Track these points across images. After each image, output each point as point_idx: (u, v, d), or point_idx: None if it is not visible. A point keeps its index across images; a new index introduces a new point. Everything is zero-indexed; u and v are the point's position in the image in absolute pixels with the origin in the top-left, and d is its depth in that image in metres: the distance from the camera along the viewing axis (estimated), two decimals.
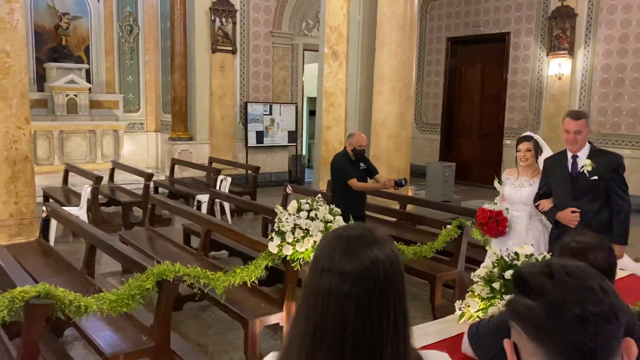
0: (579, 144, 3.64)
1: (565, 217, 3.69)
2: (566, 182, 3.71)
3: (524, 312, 0.82)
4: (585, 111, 3.80)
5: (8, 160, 5.30)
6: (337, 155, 5.31)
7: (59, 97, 10.75)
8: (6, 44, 5.23)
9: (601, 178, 3.61)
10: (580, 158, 3.68)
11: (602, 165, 3.62)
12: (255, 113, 11.35)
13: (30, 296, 2.84)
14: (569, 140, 3.65)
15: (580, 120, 3.62)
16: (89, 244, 4.43)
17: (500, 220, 3.98)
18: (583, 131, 3.62)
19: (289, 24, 11.68)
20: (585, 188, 3.65)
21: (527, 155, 4.02)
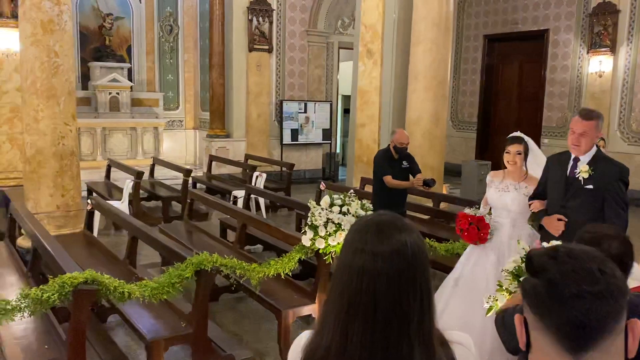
0: (583, 148, 3.26)
1: (549, 224, 3.39)
2: (560, 185, 3.40)
3: (528, 288, 0.91)
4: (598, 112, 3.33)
5: (56, 155, 5.55)
6: (379, 151, 5.39)
7: (102, 95, 11.14)
8: (55, 45, 5.48)
9: (597, 188, 3.24)
10: (580, 162, 3.33)
11: (601, 174, 3.24)
12: (290, 111, 11.50)
13: (78, 282, 3.02)
14: (572, 141, 3.29)
15: (590, 121, 3.24)
16: (131, 235, 4.63)
17: (481, 226, 3.71)
18: (589, 133, 3.24)
19: (324, 22, 11.78)
20: (577, 196, 3.31)
21: (517, 158, 3.74)
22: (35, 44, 5.40)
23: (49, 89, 5.48)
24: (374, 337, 1.00)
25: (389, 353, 1.01)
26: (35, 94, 5.45)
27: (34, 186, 5.57)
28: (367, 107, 7.88)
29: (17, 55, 8.59)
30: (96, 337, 3.81)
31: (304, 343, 1.15)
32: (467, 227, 3.72)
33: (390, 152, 5.19)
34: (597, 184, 3.24)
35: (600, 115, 3.34)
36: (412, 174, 5.28)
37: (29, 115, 5.52)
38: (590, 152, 3.31)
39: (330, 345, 1.04)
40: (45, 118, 5.48)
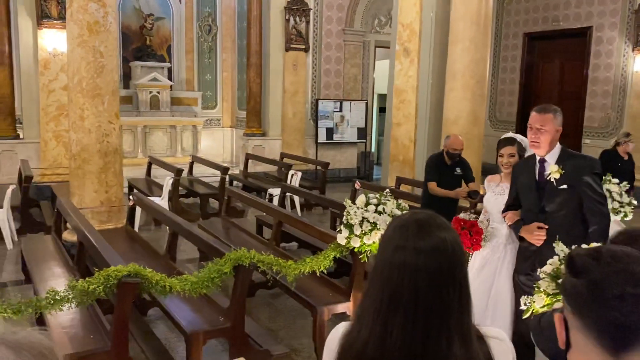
0: (542, 145, 3.05)
1: (529, 234, 3.17)
2: (532, 192, 3.17)
3: (569, 288, 0.92)
4: (555, 107, 3.13)
5: (100, 152, 5.75)
6: (431, 155, 5.32)
7: (143, 94, 11.42)
8: (100, 45, 5.67)
9: (571, 187, 3.03)
10: (548, 163, 3.10)
11: (572, 171, 3.03)
12: (326, 110, 11.55)
13: (122, 275, 3.13)
14: (530, 137, 3.09)
15: (546, 114, 3.04)
16: (171, 230, 4.76)
17: (474, 232, 3.53)
18: (547, 129, 3.02)
19: (361, 21, 11.78)
20: (552, 198, 3.10)
21: (511, 160, 3.56)
22: (81, 45, 5.60)
23: (94, 88, 5.67)
24: (415, 331, 1.04)
25: (428, 347, 1.04)
26: (81, 93, 5.65)
27: (79, 182, 5.78)
28: (403, 106, 7.86)
29: (64, 56, 8.93)
30: (137, 328, 3.95)
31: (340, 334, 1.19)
32: (460, 232, 3.51)
33: (442, 158, 5.11)
34: (570, 181, 3.04)
35: (558, 109, 3.12)
36: (465, 181, 5.17)
37: (75, 113, 5.72)
38: (554, 151, 3.11)
39: (368, 338, 1.07)
40: (91, 116, 5.68)
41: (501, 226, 3.55)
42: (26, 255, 4.91)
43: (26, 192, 7.07)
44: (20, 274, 5.50)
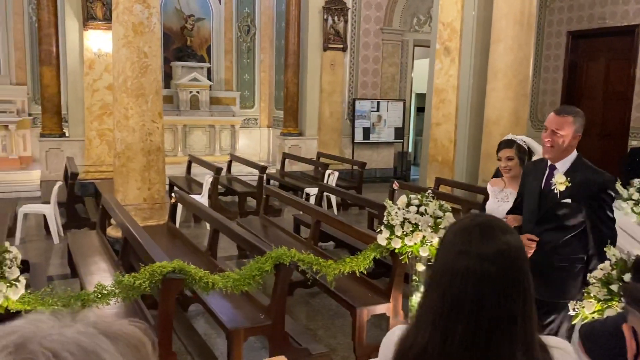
0: (556, 150, 2.76)
1: None
2: (534, 199, 2.92)
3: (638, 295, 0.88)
4: (577, 110, 2.84)
5: (144, 150, 5.88)
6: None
7: (183, 94, 11.63)
8: (145, 46, 5.80)
9: (576, 203, 2.74)
10: (557, 171, 2.83)
11: (580, 185, 2.73)
12: (363, 109, 11.51)
13: (167, 271, 3.20)
14: (544, 140, 2.81)
15: (565, 116, 2.75)
16: (212, 228, 4.83)
17: None
18: (564, 132, 2.73)
19: (399, 20, 11.69)
20: (552, 212, 2.84)
21: (509, 164, 3.33)
22: (126, 46, 5.74)
23: (138, 88, 5.81)
24: (477, 339, 1.01)
25: (490, 356, 1.01)
26: (126, 92, 5.80)
27: (123, 179, 5.93)
28: (443, 105, 7.76)
29: (108, 56, 9.18)
30: (179, 324, 4.03)
31: (397, 339, 1.17)
32: None
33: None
34: (576, 197, 2.73)
35: (579, 112, 2.82)
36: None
37: (120, 112, 5.87)
38: (568, 159, 2.80)
39: (426, 344, 1.05)
40: (135, 115, 5.82)
41: None
42: (72, 249, 5.07)
43: (72, 189, 7.29)
44: (66, 268, 5.67)
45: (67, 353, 0.50)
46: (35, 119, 10.69)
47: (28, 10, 10.78)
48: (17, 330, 0.52)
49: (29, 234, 7.09)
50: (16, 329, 0.52)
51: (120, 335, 0.55)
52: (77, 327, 0.54)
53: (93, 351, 0.51)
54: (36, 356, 0.49)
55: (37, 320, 0.54)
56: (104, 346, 0.53)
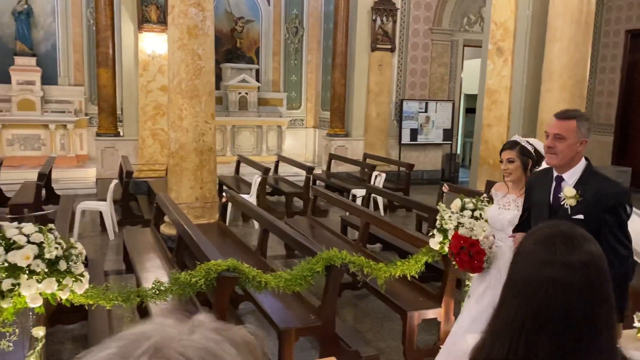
0: (560, 158, 2.48)
1: None
2: (542, 215, 2.60)
3: None
4: (581, 112, 2.61)
5: (196, 150, 6.01)
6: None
7: (232, 95, 11.83)
8: (199, 48, 5.93)
9: (589, 219, 2.41)
10: (565, 183, 2.53)
11: (592, 199, 2.44)
12: (411, 110, 11.40)
13: (222, 269, 3.26)
14: (546, 148, 2.55)
15: (567, 120, 2.47)
16: (262, 227, 4.89)
17: (474, 252, 3.05)
18: (568, 138, 2.44)
19: (449, 20, 11.52)
20: None
21: (510, 167, 3.02)
22: (181, 48, 5.88)
23: (192, 90, 5.94)
24: (563, 350, 0.99)
25: None
26: (180, 94, 5.94)
27: (177, 179, 6.08)
28: (495, 107, 7.59)
29: (161, 58, 9.44)
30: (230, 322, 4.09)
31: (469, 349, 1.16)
32: (458, 251, 3.11)
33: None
34: (588, 212, 2.43)
35: (584, 115, 2.55)
36: None
37: (174, 113, 6.02)
38: (576, 169, 2.51)
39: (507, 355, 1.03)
40: (189, 116, 5.95)
41: (505, 246, 3.06)
42: (128, 246, 5.23)
43: (127, 187, 7.53)
44: (121, 264, 5.86)
45: (198, 358, 0.52)
46: (92, 119, 11.11)
47: (86, 14, 11.21)
48: (152, 335, 0.54)
49: (85, 229, 7.36)
50: (149, 333, 0.54)
51: (239, 341, 0.57)
52: (203, 333, 0.55)
53: (220, 356, 0.53)
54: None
55: (164, 325, 0.56)
56: (228, 351, 0.54)
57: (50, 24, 11.12)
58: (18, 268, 2.54)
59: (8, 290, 2.53)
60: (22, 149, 10.55)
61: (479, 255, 3.04)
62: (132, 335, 0.55)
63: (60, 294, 2.65)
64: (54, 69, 11.13)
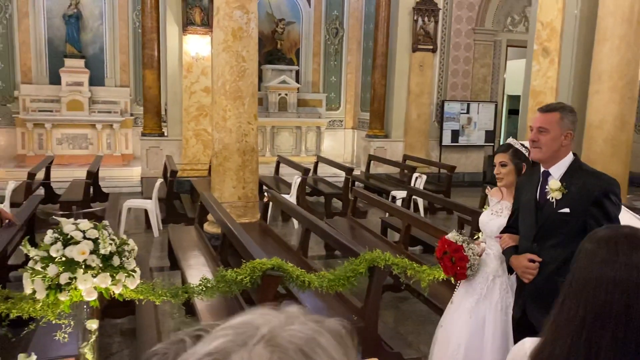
0: (544, 151, 2.41)
1: (518, 266, 2.52)
2: (530, 212, 2.52)
3: None
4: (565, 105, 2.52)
5: (239, 150, 6.11)
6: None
7: (273, 96, 11.95)
8: (243, 50, 6.02)
9: (575, 212, 2.34)
10: (551, 177, 2.45)
11: (579, 191, 2.34)
12: (452, 112, 11.26)
13: (267, 267, 3.31)
14: (530, 142, 2.49)
15: (551, 113, 2.40)
16: (304, 227, 4.92)
17: (457, 258, 2.89)
18: (552, 130, 2.38)
19: (492, 20, 11.33)
20: (550, 225, 2.43)
21: (502, 171, 2.85)
22: (226, 50, 5.98)
23: (236, 91, 6.04)
24: (626, 350, 1.00)
25: None
26: (224, 95, 6.04)
27: (220, 178, 6.19)
28: None
29: (204, 59, 9.62)
30: None
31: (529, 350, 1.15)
32: (442, 256, 2.96)
33: None
34: (574, 206, 2.35)
35: (567, 107, 2.46)
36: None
37: (218, 114, 6.13)
38: (562, 162, 2.43)
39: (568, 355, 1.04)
40: (232, 117, 6.05)
41: (492, 253, 2.92)
42: (173, 243, 5.35)
43: (171, 186, 7.71)
44: (165, 261, 6.00)
45: (308, 348, 0.54)
46: (137, 119, 11.42)
47: (132, 17, 11.53)
48: (260, 324, 0.56)
49: (130, 227, 7.56)
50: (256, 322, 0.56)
51: (336, 331, 0.58)
52: (303, 323, 0.57)
53: (323, 346, 0.55)
54: (286, 350, 0.53)
55: (267, 314, 0.58)
56: (328, 341, 0.56)
57: (98, 27, 11.50)
58: (75, 263, 2.64)
59: (65, 284, 2.63)
60: (71, 148, 10.94)
61: (462, 262, 2.88)
62: (240, 324, 0.57)
63: (114, 288, 2.74)
64: (101, 70, 11.50)
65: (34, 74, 11.16)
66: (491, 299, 2.89)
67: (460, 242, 2.91)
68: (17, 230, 4.57)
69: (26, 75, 11.12)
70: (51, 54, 11.21)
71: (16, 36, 10.96)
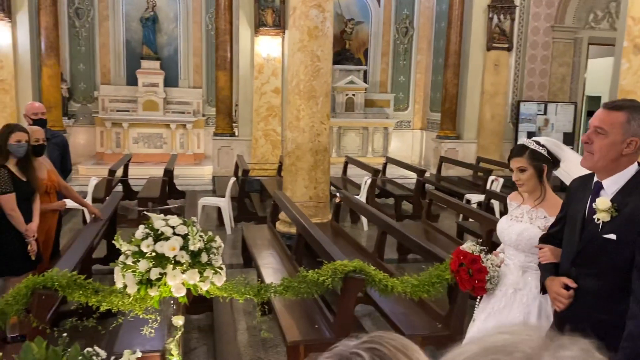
0: (597, 158, 1.95)
1: (550, 290, 2.13)
2: (575, 229, 2.07)
3: None
4: (638, 103, 1.95)
5: (312, 150, 6.07)
6: None
7: (340, 96, 11.89)
8: (318, 49, 5.98)
9: (621, 240, 1.88)
10: (604, 192, 1.98)
11: (630, 215, 1.87)
12: (528, 112, 10.79)
13: (349, 270, 3.22)
14: (583, 144, 2.03)
15: (615, 112, 1.92)
16: (380, 230, 4.81)
17: (474, 270, 2.60)
18: (610, 133, 1.91)
19: (573, 16, 10.76)
20: (592, 250, 1.99)
21: (522, 177, 2.55)
22: (301, 50, 5.96)
23: (310, 90, 6.01)
24: None
25: None
26: (299, 94, 6.02)
27: (292, 178, 6.17)
28: None
29: (275, 60, 9.69)
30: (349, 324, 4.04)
31: None
32: (457, 268, 2.69)
33: None
34: (622, 232, 1.87)
35: (638, 107, 1.92)
36: None
37: (292, 114, 6.12)
38: (621, 175, 1.95)
39: None
40: (305, 117, 6.02)
41: (512, 263, 2.62)
42: (248, 241, 5.38)
43: (243, 184, 7.79)
44: (238, 258, 6.06)
45: None
46: (208, 119, 11.67)
47: (205, 20, 11.81)
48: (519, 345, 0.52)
49: (202, 224, 7.70)
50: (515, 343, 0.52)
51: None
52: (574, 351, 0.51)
53: None
54: None
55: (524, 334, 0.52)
56: None
57: (173, 30, 11.85)
58: (165, 258, 2.65)
59: (156, 279, 2.65)
60: (146, 147, 11.32)
61: (480, 274, 2.60)
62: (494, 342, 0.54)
63: (202, 285, 2.73)
64: (175, 72, 11.85)
65: (113, 75, 11.65)
66: (509, 315, 2.56)
67: (477, 252, 2.65)
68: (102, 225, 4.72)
69: (105, 77, 11.62)
70: (129, 56, 11.66)
71: (97, 39, 11.48)
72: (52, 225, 4.28)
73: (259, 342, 4.20)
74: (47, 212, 4.11)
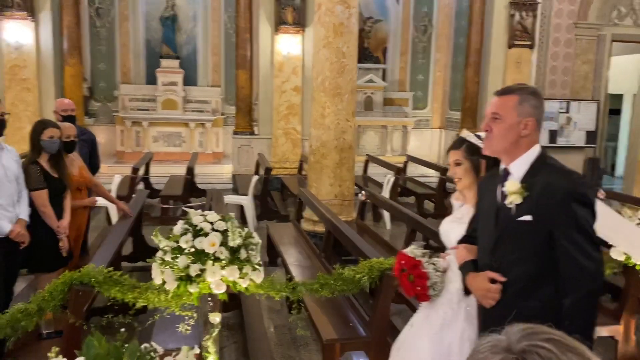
0: (496, 143, 1.95)
1: (476, 286, 2.04)
2: (490, 220, 2.04)
3: None
4: (528, 87, 2.04)
5: (337, 148, 6.03)
6: None
7: (359, 95, 11.81)
8: (343, 46, 5.94)
9: (538, 220, 1.86)
10: (511, 176, 1.96)
11: (540, 193, 1.86)
12: (550, 110, 10.63)
13: (385, 267, 3.18)
14: (485, 133, 2.01)
15: (507, 96, 1.96)
16: (410, 228, 4.76)
17: (415, 275, 2.42)
18: (506, 117, 1.93)
19: (596, 13, 10.60)
20: (510, 236, 1.95)
21: (457, 171, 2.42)
22: (327, 46, 5.92)
23: (335, 87, 5.97)
24: None
25: None
26: (324, 91, 5.99)
27: (317, 175, 6.14)
28: None
29: (296, 59, 9.66)
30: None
31: None
32: (399, 274, 2.51)
33: None
34: (537, 211, 1.86)
35: (528, 89, 1.99)
36: None
37: (317, 111, 6.08)
38: (524, 158, 1.94)
39: None
40: (330, 114, 5.99)
41: (456, 269, 2.34)
42: (274, 239, 5.35)
43: (265, 183, 7.77)
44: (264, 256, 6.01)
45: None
46: (227, 118, 11.68)
47: (224, 19, 11.82)
48: None
49: None
50: None
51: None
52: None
53: None
54: None
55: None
56: None
57: (192, 29, 11.88)
58: (205, 254, 2.62)
59: (195, 276, 2.62)
60: (166, 146, 11.37)
61: (421, 280, 2.42)
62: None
63: (241, 282, 2.70)
64: (194, 70, 11.88)
65: (132, 74, 11.71)
66: (455, 326, 2.42)
67: (420, 256, 2.47)
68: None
69: (125, 76, 11.68)
70: (148, 55, 11.72)
71: (117, 38, 11.54)
72: (82, 222, 4.29)
73: (290, 340, 4.17)
74: (78, 208, 4.11)
